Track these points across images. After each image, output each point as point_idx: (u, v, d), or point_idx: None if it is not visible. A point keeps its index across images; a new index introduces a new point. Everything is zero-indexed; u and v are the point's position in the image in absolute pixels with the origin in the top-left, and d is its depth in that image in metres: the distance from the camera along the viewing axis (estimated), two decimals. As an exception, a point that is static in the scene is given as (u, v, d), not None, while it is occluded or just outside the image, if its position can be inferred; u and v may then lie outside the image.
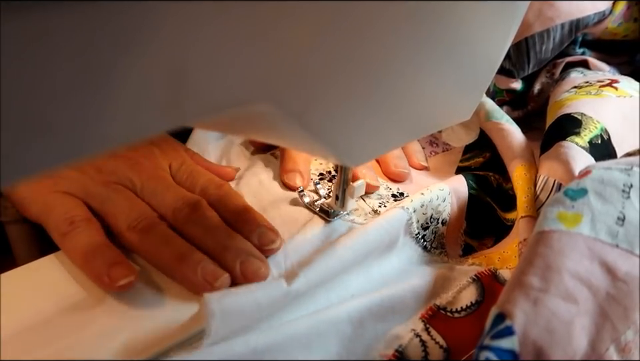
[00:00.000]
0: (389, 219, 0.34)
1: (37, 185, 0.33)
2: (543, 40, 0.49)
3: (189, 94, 0.18)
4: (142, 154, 0.36)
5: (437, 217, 0.37)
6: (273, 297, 0.27)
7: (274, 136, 0.29)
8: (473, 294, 0.31)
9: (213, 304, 0.25)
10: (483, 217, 0.40)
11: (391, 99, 0.27)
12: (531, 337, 0.22)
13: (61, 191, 0.33)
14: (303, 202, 0.38)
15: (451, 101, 0.32)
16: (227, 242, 0.31)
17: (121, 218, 0.32)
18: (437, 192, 0.37)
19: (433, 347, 0.28)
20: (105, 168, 0.34)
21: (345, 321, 0.28)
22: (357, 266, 0.32)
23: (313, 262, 0.30)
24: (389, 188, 0.41)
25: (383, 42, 0.23)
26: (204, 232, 0.32)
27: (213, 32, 0.17)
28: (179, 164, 0.37)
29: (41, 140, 0.15)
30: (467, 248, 0.39)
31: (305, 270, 0.29)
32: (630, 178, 0.28)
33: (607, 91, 0.42)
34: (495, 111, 0.45)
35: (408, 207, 0.35)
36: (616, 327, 0.24)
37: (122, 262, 0.29)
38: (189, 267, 0.29)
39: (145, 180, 0.34)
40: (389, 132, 0.30)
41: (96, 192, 0.33)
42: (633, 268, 0.25)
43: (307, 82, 0.22)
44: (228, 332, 0.26)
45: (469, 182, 0.40)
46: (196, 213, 0.32)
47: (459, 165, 0.47)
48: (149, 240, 0.31)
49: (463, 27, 0.27)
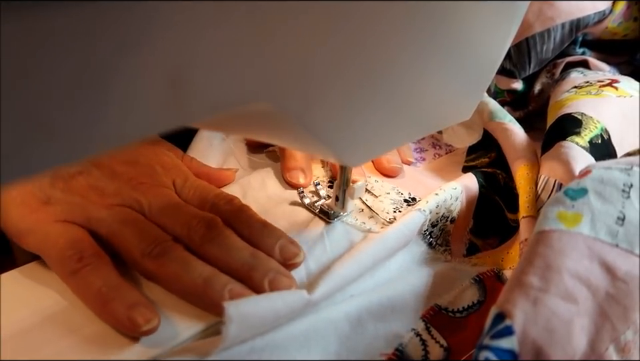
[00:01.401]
0: (407, 223, 0.33)
1: (34, 214, 0.30)
2: (543, 40, 0.49)
3: (189, 94, 0.18)
4: (143, 172, 0.34)
5: (447, 215, 0.37)
6: (293, 306, 0.27)
7: (274, 136, 0.29)
8: (475, 294, 0.31)
9: (231, 310, 0.24)
10: (489, 216, 0.40)
11: (391, 99, 0.27)
12: (530, 337, 0.22)
13: (61, 220, 0.30)
14: (302, 203, 0.38)
15: (451, 101, 0.32)
16: (252, 261, 0.29)
17: (132, 245, 0.29)
18: (451, 192, 0.37)
19: (433, 346, 0.28)
20: (107, 191, 0.32)
21: (343, 320, 0.29)
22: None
23: (333, 270, 0.30)
24: (401, 193, 0.40)
25: (383, 42, 0.23)
26: (225, 252, 0.30)
27: (213, 32, 0.17)
28: (183, 180, 0.35)
29: (41, 139, 0.15)
30: (471, 247, 0.39)
31: (325, 279, 0.29)
32: (630, 177, 0.28)
33: (607, 91, 0.42)
34: (498, 111, 0.45)
35: (424, 209, 0.34)
36: (615, 327, 0.24)
37: (142, 302, 0.27)
38: (215, 291, 0.27)
39: (151, 200, 0.32)
40: (389, 132, 0.30)
41: (101, 217, 0.30)
42: (633, 268, 0.25)
43: (308, 82, 0.22)
44: (244, 337, 0.26)
45: (478, 180, 0.40)
46: (213, 232, 0.30)
47: (464, 165, 0.47)
48: (167, 266, 0.29)
49: (463, 27, 0.27)
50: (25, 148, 0.15)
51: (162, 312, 0.28)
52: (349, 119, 0.26)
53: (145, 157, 0.36)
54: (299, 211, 0.37)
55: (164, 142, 0.39)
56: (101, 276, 0.28)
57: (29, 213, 0.30)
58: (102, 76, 0.15)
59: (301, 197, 0.38)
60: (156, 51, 0.16)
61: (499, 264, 0.35)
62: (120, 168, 0.34)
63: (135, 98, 0.16)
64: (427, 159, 0.48)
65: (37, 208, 0.30)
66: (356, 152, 0.29)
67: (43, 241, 0.30)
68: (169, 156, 0.37)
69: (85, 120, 0.16)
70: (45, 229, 0.30)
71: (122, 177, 0.33)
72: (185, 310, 0.29)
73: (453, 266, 0.35)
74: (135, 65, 0.16)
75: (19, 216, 0.30)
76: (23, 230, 0.30)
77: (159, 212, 0.31)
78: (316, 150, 0.30)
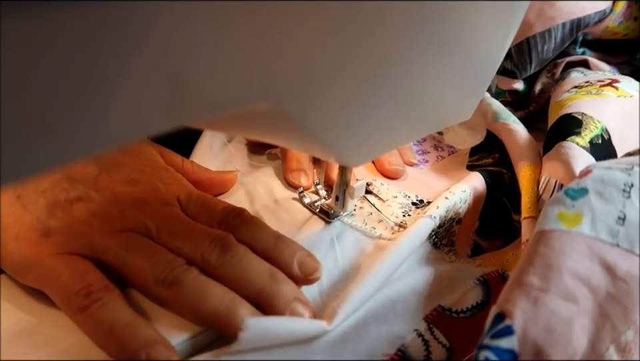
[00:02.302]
0: (418, 231, 0.33)
1: (33, 247, 0.28)
2: (544, 39, 0.49)
3: (189, 93, 0.18)
4: (145, 190, 0.32)
5: (454, 217, 0.37)
6: (309, 332, 0.27)
7: (274, 135, 0.29)
8: (479, 295, 0.31)
9: (251, 320, 0.24)
10: (495, 217, 0.39)
11: (392, 99, 0.27)
12: (530, 336, 0.22)
13: (64, 252, 0.28)
14: (303, 202, 0.38)
15: (451, 101, 0.32)
16: (274, 286, 0.28)
17: (144, 272, 0.27)
18: (460, 195, 0.37)
19: (436, 346, 0.28)
20: (111, 216, 0.30)
21: (348, 323, 0.28)
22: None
23: (351, 295, 0.29)
24: (408, 196, 0.40)
25: (383, 42, 0.23)
26: (243, 274, 0.28)
27: (213, 32, 0.17)
28: (187, 195, 0.33)
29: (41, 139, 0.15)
30: (476, 248, 0.38)
31: (343, 307, 0.28)
32: (630, 177, 0.28)
33: (607, 91, 0.42)
34: (502, 112, 0.45)
35: (435, 215, 0.34)
36: (616, 327, 0.24)
37: (159, 340, 0.25)
38: (237, 322, 0.26)
39: (159, 222, 0.30)
40: (390, 132, 0.30)
41: (106, 245, 0.28)
42: (633, 268, 0.25)
43: (308, 82, 0.22)
44: (255, 346, 0.26)
45: (484, 179, 0.39)
46: (228, 253, 0.28)
47: (468, 164, 0.46)
48: (184, 293, 0.27)
49: (463, 27, 0.27)
50: (25, 147, 0.15)
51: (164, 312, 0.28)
52: (349, 119, 0.26)
53: (145, 174, 0.33)
54: (303, 212, 0.37)
55: (156, 146, 0.38)
56: (112, 312, 0.26)
57: (28, 247, 0.28)
58: (102, 75, 0.15)
59: (300, 197, 0.38)
60: (156, 51, 0.16)
61: (504, 265, 0.35)
62: (120, 188, 0.32)
63: (135, 97, 0.16)
64: (429, 161, 0.47)
65: (36, 241, 0.28)
66: (356, 152, 0.29)
67: (46, 276, 0.28)
68: (167, 170, 0.36)
69: (85, 119, 0.16)
70: (46, 263, 0.28)
71: (124, 199, 0.31)
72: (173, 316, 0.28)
73: (456, 267, 0.35)
74: (135, 65, 0.16)
75: (16, 250, 0.28)
76: (23, 266, 0.28)
77: (168, 234, 0.29)
78: (316, 150, 0.30)
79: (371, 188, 0.40)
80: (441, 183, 0.43)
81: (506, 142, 0.43)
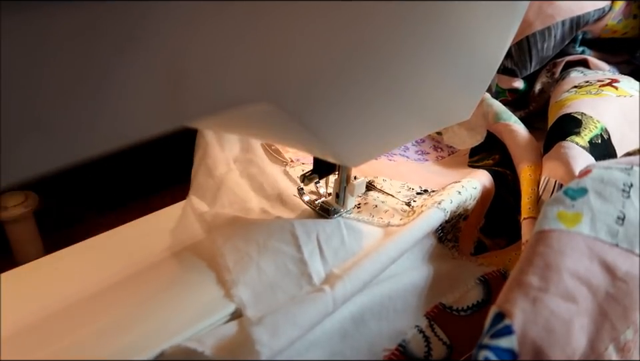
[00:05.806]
0: (429, 220, 0.33)
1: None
2: (544, 38, 0.49)
3: (188, 94, 0.18)
4: None
5: (462, 213, 0.37)
6: (320, 311, 0.27)
7: (273, 135, 0.29)
8: (480, 294, 0.31)
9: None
10: (501, 216, 0.39)
11: (391, 98, 0.27)
12: (530, 336, 0.22)
13: None
14: (303, 200, 0.38)
15: (450, 101, 0.32)
16: None
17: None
18: (471, 191, 0.37)
19: (436, 343, 0.28)
20: None
21: (348, 319, 0.28)
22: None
23: (356, 267, 0.29)
24: (411, 188, 0.40)
25: (383, 43, 0.23)
26: None
27: (213, 33, 0.17)
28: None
29: (41, 139, 0.15)
30: (480, 246, 0.38)
31: (349, 274, 0.28)
32: (630, 177, 0.28)
33: (607, 91, 0.42)
34: (503, 112, 0.45)
35: (446, 209, 0.34)
36: (615, 326, 0.24)
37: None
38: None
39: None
40: (389, 132, 0.30)
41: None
42: (633, 268, 0.25)
43: (307, 82, 0.22)
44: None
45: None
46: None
47: (468, 165, 0.46)
48: None
49: (463, 27, 0.27)
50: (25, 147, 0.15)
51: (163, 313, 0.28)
52: (347, 119, 0.26)
53: None
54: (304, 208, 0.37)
55: None
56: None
57: None
58: (102, 75, 0.15)
59: (300, 195, 0.38)
60: (156, 51, 0.16)
61: (506, 265, 0.34)
62: None
63: (135, 97, 0.16)
64: (429, 161, 0.47)
65: None
66: (356, 152, 0.29)
67: None
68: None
69: (85, 119, 0.16)
70: None
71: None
72: (183, 314, 0.28)
73: (458, 265, 0.35)
74: (135, 65, 0.16)
75: None
76: None
77: None
78: (315, 149, 0.30)
79: (375, 185, 0.40)
80: (444, 179, 0.42)
81: (507, 143, 0.43)
